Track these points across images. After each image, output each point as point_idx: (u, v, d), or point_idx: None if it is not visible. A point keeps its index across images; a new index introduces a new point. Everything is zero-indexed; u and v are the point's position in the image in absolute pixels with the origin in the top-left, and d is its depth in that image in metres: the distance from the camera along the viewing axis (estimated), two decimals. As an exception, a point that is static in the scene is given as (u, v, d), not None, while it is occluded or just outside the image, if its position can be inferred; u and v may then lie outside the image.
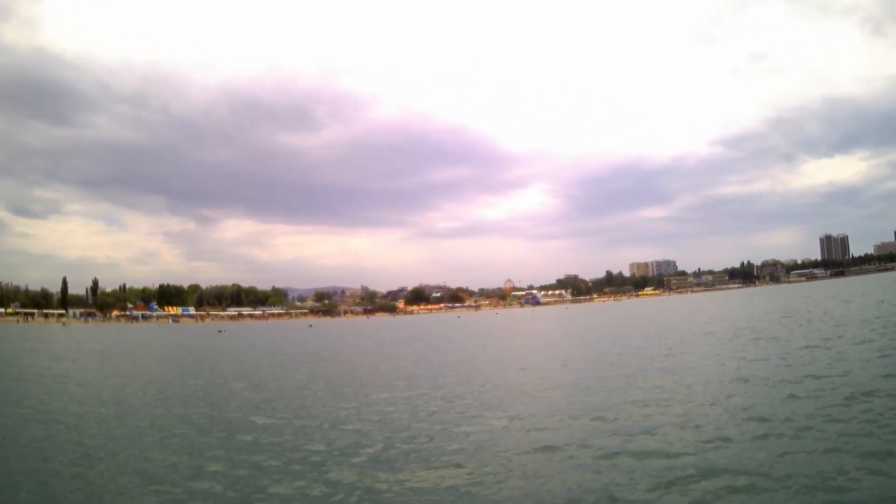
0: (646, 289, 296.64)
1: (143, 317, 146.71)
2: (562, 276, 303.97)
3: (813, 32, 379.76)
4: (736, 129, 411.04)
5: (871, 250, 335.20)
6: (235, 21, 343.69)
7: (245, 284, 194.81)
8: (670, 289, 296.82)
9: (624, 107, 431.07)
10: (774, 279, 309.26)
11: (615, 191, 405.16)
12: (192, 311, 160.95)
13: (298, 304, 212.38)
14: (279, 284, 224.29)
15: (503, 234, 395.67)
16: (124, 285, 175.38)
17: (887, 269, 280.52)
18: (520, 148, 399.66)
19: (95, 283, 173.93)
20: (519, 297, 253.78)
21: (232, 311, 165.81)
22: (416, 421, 13.02)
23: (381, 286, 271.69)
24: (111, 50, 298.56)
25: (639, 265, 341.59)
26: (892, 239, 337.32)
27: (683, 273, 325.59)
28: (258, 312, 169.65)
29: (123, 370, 28.16)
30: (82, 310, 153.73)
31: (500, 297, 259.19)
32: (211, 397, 17.76)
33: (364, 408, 14.97)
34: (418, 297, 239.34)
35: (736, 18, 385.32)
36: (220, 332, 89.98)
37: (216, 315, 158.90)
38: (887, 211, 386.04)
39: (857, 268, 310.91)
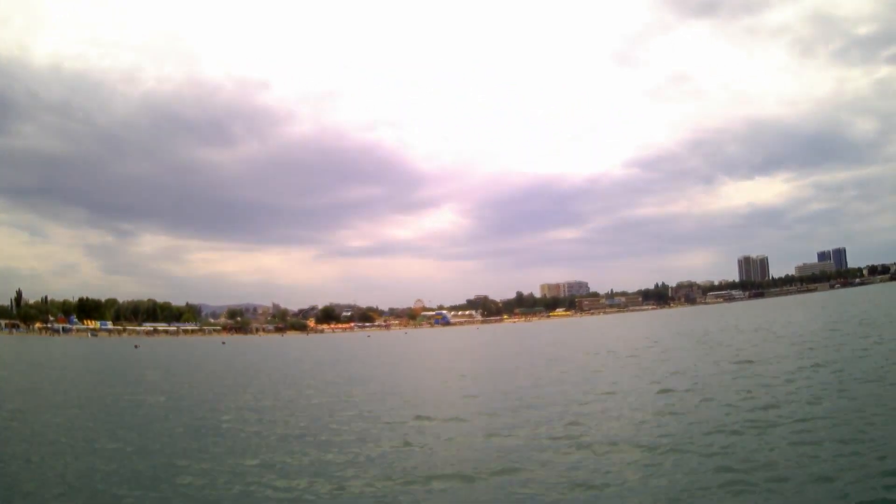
0: (557, 310, 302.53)
1: (64, 330, 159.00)
2: (472, 297, 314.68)
3: (739, 54, 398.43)
4: (653, 151, 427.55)
5: (792, 272, 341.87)
6: (157, 30, 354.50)
7: (161, 300, 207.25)
8: (582, 310, 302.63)
9: (538, 127, 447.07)
10: (690, 300, 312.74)
11: (527, 211, 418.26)
12: (109, 325, 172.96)
13: (212, 320, 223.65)
14: (193, 300, 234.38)
15: (414, 253, 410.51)
16: (46, 297, 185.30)
17: (809, 291, 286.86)
18: (432, 167, 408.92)
19: (19, 294, 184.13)
20: (429, 317, 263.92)
21: (148, 326, 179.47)
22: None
23: (293, 304, 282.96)
24: (41, 57, 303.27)
25: (550, 286, 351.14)
26: (815, 260, 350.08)
27: (596, 294, 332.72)
28: (173, 328, 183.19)
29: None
30: (7, 321, 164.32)
31: (411, 316, 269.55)
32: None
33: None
34: (329, 316, 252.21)
35: (658, 40, 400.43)
36: (136, 347, 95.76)
37: (132, 330, 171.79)
38: (810, 233, 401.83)
39: (778, 289, 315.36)
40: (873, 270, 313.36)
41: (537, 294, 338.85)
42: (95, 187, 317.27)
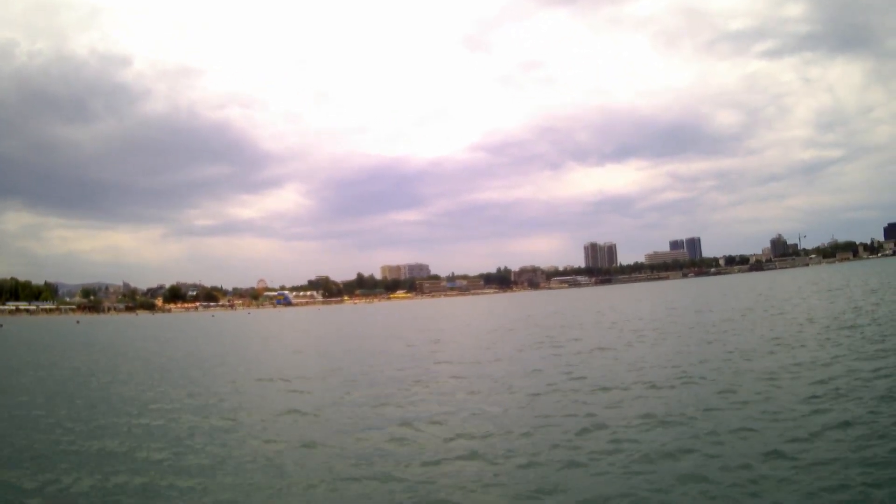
0: (398, 292, 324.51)
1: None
2: (313, 277, 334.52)
3: (600, 43, 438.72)
4: (501, 136, 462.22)
5: (642, 259, 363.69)
6: (34, 4, 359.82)
7: (23, 278, 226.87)
8: (423, 292, 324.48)
9: (384, 109, 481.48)
10: (533, 285, 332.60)
11: (370, 193, 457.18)
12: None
13: (68, 299, 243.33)
14: (51, 279, 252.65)
15: (258, 233, 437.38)
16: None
17: (660, 279, 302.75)
18: (278, 147, 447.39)
19: None
20: (271, 298, 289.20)
21: (11, 305, 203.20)
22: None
23: (142, 283, 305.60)
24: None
25: (391, 268, 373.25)
26: (667, 249, 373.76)
27: (437, 277, 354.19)
28: (33, 307, 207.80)
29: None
30: None
31: (253, 297, 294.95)
32: None
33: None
34: (175, 295, 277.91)
35: (513, 26, 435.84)
36: (0, 326, 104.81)
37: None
38: (663, 221, 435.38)
39: (626, 276, 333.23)
40: (731, 260, 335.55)
41: (378, 276, 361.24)
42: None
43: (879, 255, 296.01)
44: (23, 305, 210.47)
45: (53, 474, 11.90)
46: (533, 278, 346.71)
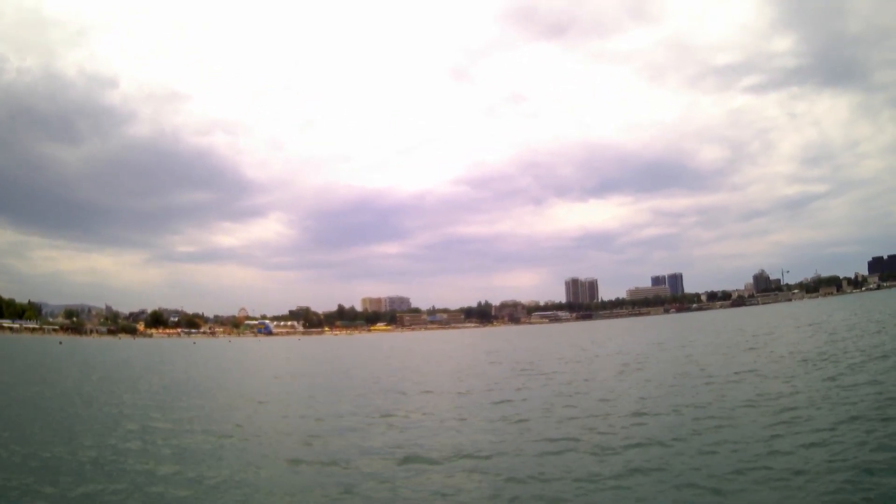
0: (378, 324, 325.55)
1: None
2: (294, 307, 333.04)
3: (585, 77, 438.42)
4: (484, 170, 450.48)
5: (623, 295, 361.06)
6: (22, 19, 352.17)
7: (7, 296, 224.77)
8: (403, 325, 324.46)
9: (368, 139, 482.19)
10: (514, 320, 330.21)
11: (352, 224, 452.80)
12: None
13: (51, 319, 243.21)
14: (36, 298, 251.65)
15: (239, 261, 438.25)
16: None
17: (640, 314, 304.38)
18: (261, 175, 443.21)
19: None
20: (252, 327, 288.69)
21: None
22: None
23: (125, 307, 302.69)
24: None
25: (372, 300, 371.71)
26: (649, 284, 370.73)
27: (417, 310, 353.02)
28: (16, 326, 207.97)
29: None
30: None
31: (234, 325, 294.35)
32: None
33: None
34: (157, 320, 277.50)
35: (500, 58, 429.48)
36: None
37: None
38: (644, 256, 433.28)
39: (608, 311, 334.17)
40: (713, 296, 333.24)
41: (359, 307, 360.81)
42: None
43: (863, 289, 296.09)
44: (6, 323, 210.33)
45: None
46: (514, 313, 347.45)
